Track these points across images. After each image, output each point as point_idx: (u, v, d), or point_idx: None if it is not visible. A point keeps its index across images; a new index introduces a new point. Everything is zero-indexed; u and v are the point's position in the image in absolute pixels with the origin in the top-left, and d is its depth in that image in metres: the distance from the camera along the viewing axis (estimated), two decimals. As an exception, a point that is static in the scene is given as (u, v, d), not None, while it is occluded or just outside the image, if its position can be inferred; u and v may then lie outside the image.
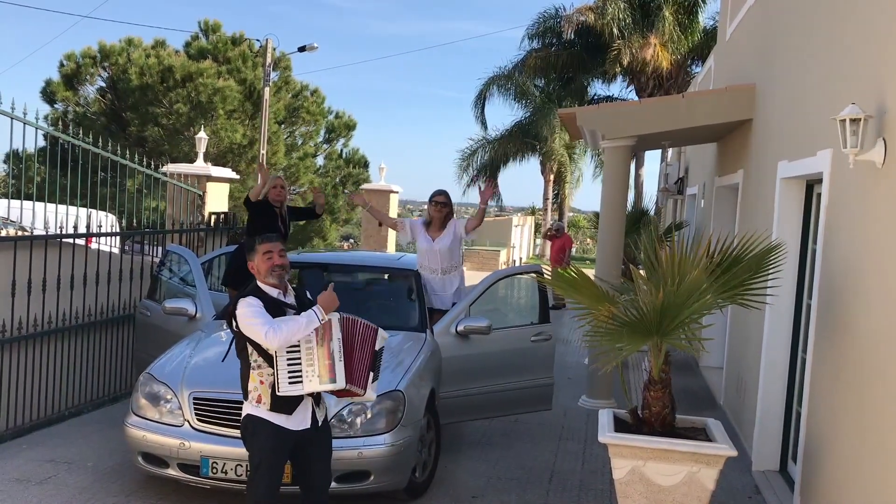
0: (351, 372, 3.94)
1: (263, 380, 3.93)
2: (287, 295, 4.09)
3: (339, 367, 3.88)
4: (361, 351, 4.03)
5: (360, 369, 4.01)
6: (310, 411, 4.03)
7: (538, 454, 6.33)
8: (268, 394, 3.92)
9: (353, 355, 3.98)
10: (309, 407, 4.03)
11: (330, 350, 3.87)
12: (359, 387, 3.99)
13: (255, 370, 3.95)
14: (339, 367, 3.88)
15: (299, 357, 3.86)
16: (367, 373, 4.04)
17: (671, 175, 14.54)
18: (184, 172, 9.48)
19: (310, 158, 24.32)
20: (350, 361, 3.95)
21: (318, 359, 3.85)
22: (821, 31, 5.22)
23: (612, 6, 24.79)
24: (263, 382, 3.93)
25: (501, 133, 30.30)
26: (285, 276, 4.10)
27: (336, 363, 3.87)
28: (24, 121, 6.20)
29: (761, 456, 5.95)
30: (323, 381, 3.85)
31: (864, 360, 3.94)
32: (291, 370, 3.85)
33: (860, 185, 4.16)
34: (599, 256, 8.15)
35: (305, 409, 4.02)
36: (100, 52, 21.57)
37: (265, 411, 3.94)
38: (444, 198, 6.61)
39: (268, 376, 3.91)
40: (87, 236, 6.97)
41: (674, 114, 7.77)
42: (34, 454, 5.83)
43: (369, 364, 4.06)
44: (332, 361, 3.86)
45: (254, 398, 3.96)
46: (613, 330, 4.40)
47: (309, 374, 3.85)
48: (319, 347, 3.86)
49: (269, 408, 3.93)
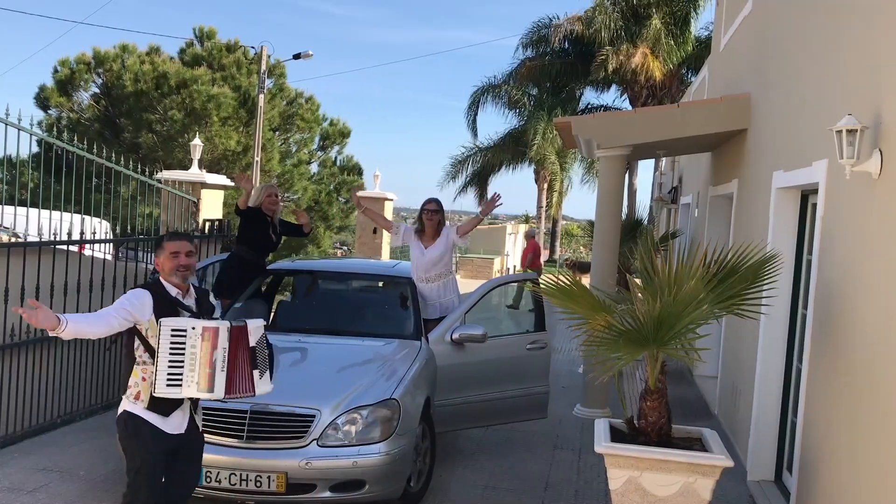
0: (231, 382, 3.87)
1: (146, 377, 3.86)
2: (186, 296, 4.05)
3: (219, 377, 3.81)
4: (240, 358, 3.93)
5: (243, 377, 3.93)
6: (188, 416, 3.99)
7: (533, 463, 6.32)
8: (147, 392, 3.84)
9: (236, 363, 3.90)
10: (187, 411, 3.99)
11: (213, 359, 3.80)
12: (241, 393, 3.93)
13: (139, 365, 3.88)
14: (219, 377, 3.81)
15: (182, 360, 3.80)
16: (249, 376, 3.96)
17: (665, 184, 14.59)
18: (179, 179, 9.46)
19: (304, 165, 24.29)
20: (233, 371, 3.88)
21: (200, 366, 3.78)
22: (816, 42, 5.25)
23: (600, 16, 24.93)
24: (146, 380, 3.85)
25: (494, 141, 30.41)
26: (189, 277, 4.06)
27: (217, 373, 3.80)
28: (17, 127, 6.18)
29: (756, 466, 5.95)
30: (201, 390, 3.80)
31: (859, 370, 3.94)
32: (171, 372, 3.78)
33: (856, 195, 4.18)
34: (594, 265, 8.16)
35: (184, 413, 3.97)
36: (94, 59, 21.52)
37: (141, 409, 3.87)
38: (434, 205, 6.61)
39: (150, 373, 3.83)
40: (80, 243, 6.94)
41: (669, 123, 7.79)
42: (26, 462, 5.78)
43: (249, 365, 3.96)
44: (213, 371, 3.79)
45: (132, 394, 3.87)
46: (610, 339, 4.40)
47: (188, 380, 3.79)
48: (203, 355, 3.80)
49: (146, 406, 3.85)
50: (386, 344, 5.84)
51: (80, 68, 21.44)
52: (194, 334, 3.79)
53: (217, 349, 3.80)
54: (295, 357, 5.80)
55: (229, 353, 3.85)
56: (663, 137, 7.85)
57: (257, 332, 4.03)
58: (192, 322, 3.84)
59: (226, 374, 3.83)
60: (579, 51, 26.57)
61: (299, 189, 23.34)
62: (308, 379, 5.32)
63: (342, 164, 25.66)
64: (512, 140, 29.78)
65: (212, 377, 3.78)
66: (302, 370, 5.58)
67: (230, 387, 3.87)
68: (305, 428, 4.70)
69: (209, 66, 21.89)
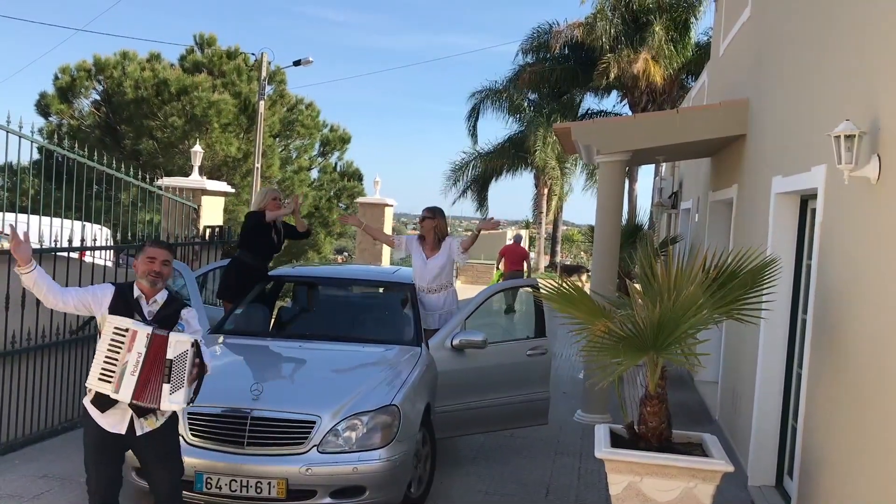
0: (141, 388, 3.88)
1: None
2: (150, 302, 4.11)
3: (127, 380, 3.86)
4: (154, 367, 3.92)
5: (153, 387, 3.92)
6: (127, 418, 4.01)
7: (534, 469, 6.31)
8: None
9: (150, 371, 3.91)
10: (126, 414, 4.00)
11: (125, 361, 3.88)
12: (147, 403, 3.93)
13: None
14: (127, 380, 3.86)
15: (116, 358, 3.89)
16: (158, 387, 3.92)
17: (665, 189, 14.60)
18: (179, 186, 9.48)
19: (304, 172, 24.34)
20: (144, 378, 3.89)
21: (119, 366, 3.88)
22: (814, 47, 5.26)
23: (601, 22, 24.97)
24: None
25: (494, 146, 30.40)
26: (157, 284, 4.12)
27: (126, 375, 3.86)
28: (18, 134, 6.20)
29: (757, 471, 5.95)
30: (113, 390, 3.88)
31: (859, 374, 3.94)
32: (105, 368, 3.89)
33: (855, 200, 4.18)
34: (595, 270, 8.16)
35: (121, 414, 4.00)
36: (95, 66, 21.58)
37: (88, 401, 4.03)
38: (427, 212, 6.73)
39: None
40: (80, 249, 6.95)
41: (668, 129, 7.80)
42: (27, 469, 5.78)
43: (160, 376, 3.92)
44: (123, 373, 3.87)
45: (89, 385, 3.99)
46: (610, 345, 4.40)
47: (112, 378, 3.88)
48: (126, 354, 3.89)
49: (91, 399, 4.01)
50: (386, 350, 5.85)
51: (81, 75, 21.50)
52: (127, 336, 3.91)
53: (131, 352, 3.89)
54: (295, 364, 5.81)
55: (144, 359, 3.89)
56: (662, 143, 7.86)
57: (180, 346, 3.95)
58: (129, 323, 3.94)
59: (136, 379, 3.88)
60: (579, 56, 26.61)
61: (300, 195, 23.38)
62: (308, 385, 5.33)
63: (342, 170, 25.71)
64: (512, 145, 29.78)
65: (121, 377, 3.88)
66: (302, 376, 5.59)
67: (138, 393, 3.90)
68: (306, 434, 4.70)
69: (209, 72, 21.95)
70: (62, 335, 6.78)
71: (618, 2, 25.26)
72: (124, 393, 3.88)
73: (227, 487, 4.60)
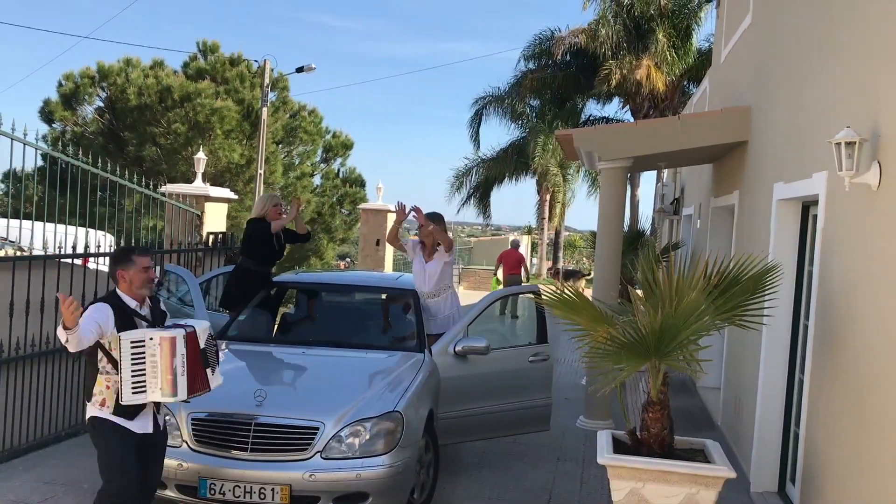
0: (193, 384, 4.12)
1: (110, 385, 4.09)
2: (143, 307, 4.24)
3: (181, 381, 4.06)
4: (196, 361, 4.16)
5: (200, 377, 4.18)
6: (151, 416, 4.23)
7: (536, 475, 6.32)
8: (112, 399, 4.08)
9: (195, 366, 4.14)
10: (150, 412, 4.23)
11: (173, 367, 4.03)
12: (201, 392, 4.19)
13: (102, 374, 4.10)
14: (181, 381, 4.06)
15: (144, 369, 4.02)
16: (204, 375, 4.20)
17: (667, 196, 14.60)
18: (183, 192, 9.51)
19: (307, 178, 24.39)
20: (193, 374, 4.11)
21: (161, 373, 4.02)
22: (815, 54, 5.29)
23: (604, 28, 25.02)
24: (109, 388, 4.09)
25: (496, 152, 30.41)
26: (152, 289, 4.30)
27: (178, 378, 4.05)
28: (23, 141, 6.23)
29: (759, 477, 5.95)
30: (165, 395, 4.07)
31: (861, 380, 3.95)
32: (136, 381, 4.01)
33: (856, 207, 4.20)
34: (597, 277, 8.18)
35: (147, 414, 4.21)
36: (98, 73, 21.64)
37: (108, 414, 4.10)
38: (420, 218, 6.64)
39: (114, 382, 4.08)
40: (84, 256, 6.97)
41: (670, 135, 7.82)
42: (31, 476, 5.80)
43: (202, 365, 4.19)
44: (175, 377, 4.04)
45: (98, 401, 4.12)
46: (612, 351, 4.41)
47: (152, 386, 4.02)
48: (164, 362, 4.01)
49: (112, 412, 4.09)
50: (389, 356, 5.86)
51: (85, 82, 21.56)
52: (153, 344, 4.02)
53: (176, 356, 4.04)
54: (298, 370, 5.83)
55: (187, 358, 4.08)
56: (664, 149, 7.88)
57: (204, 334, 4.25)
58: (149, 332, 4.06)
59: (186, 378, 4.07)
60: (581, 63, 26.62)
61: (302, 201, 23.41)
62: (311, 391, 5.34)
63: (345, 176, 25.75)
64: (515, 151, 29.79)
65: (174, 382, 4.04)
66: (305, 383, 5.61)
67: (192, 388, 4.12)
68: (309, 440, 4.71)
69: (213, 79, 22.02)
70: (66, 341, 6.79)
71: (620, 8, 25.33)
72: (182, 393, 4.07)
73: (230, 493, 4.61)
